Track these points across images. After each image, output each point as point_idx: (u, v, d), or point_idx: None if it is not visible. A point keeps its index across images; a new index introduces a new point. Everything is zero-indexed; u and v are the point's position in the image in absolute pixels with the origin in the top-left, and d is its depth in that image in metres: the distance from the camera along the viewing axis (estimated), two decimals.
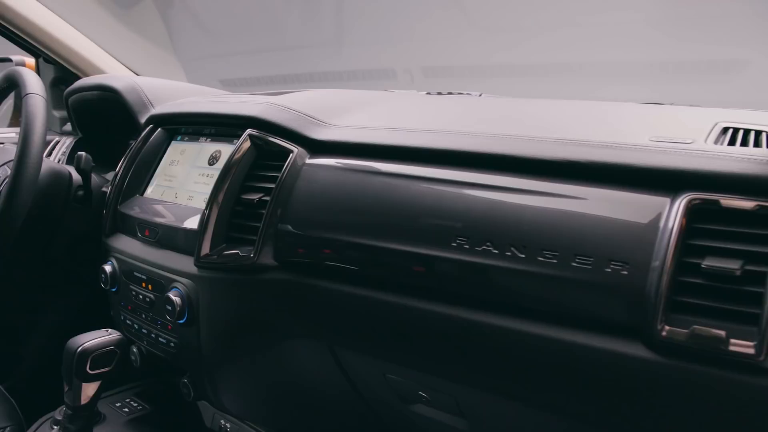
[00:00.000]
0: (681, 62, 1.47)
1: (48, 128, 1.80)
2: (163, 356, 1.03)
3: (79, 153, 1.21)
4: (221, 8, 2.00)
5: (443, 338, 0.76)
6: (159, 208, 1.06)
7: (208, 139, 1.08)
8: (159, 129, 1.17)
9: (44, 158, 1.19)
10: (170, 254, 0.99)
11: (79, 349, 0.91)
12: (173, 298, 0.94)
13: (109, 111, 1.50)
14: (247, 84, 1.78)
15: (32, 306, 1.66)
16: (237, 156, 0.93)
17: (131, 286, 1.06)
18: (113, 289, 1.11)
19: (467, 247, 0.73)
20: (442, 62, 1.51)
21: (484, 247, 0.72)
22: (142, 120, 1.23)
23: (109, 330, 0.99)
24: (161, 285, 0.99)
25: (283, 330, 0.93)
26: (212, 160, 1.04)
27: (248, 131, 0.95)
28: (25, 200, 1.09)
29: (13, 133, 1.73)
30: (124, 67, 1.75)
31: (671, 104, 0.96)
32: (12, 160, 1.24)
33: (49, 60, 1.65)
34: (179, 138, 1.15)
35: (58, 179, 1.26)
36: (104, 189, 1.30)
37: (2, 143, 1.60)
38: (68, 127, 1.68)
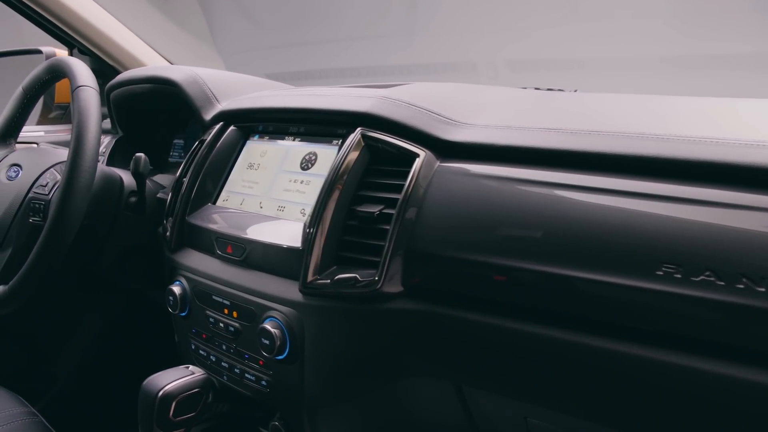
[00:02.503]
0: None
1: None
2: (248, 395, 0.88)
3: (138, 155, 1.05)
4: None
5: (627, 383, 0.63)
6: (241, 220, 0.90)
7: (297, 139, 0.92)
8: (231, 127, 1.01)
9: None
10: (262, 276, 0.83)
11: (161, 393, 0.76)
12: (270, 330, 0.78)
13: (157, 107, 1.34)
14: (297, 78, 1.62)
15: (66, 323, 1.51)
16: (347, 160, 0.78)
17: (208, 312, 0.90)
18: (182, 314, 0.95)
19: (679, 276, 0.58)
20: (532, 55, 1.36)
21: (703, 278, 0.57)
22: (207, 116, 1.07)
23: (189, 367, 0.84)
24: (251, 313, 0.83)
25: (404, 367, 0.78)
26: (306, 164, 0.88)
27: (360, 130, 0.80)
28: (79, 210, 0.94)
29: (42, 132, 1.56)
30: (164, 60, 1.59)
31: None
32: (59, 163, 1.08)
33: (84, 51, 1.48)
34: (257, 137, 0.99)
35: (110, 184, 1.10)
36: (160, 195, 1.14)
37: (35, 143, 1.43)
38: (106, 124, 1.51)
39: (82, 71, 1.02)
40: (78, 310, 1.51)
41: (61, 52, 1.56)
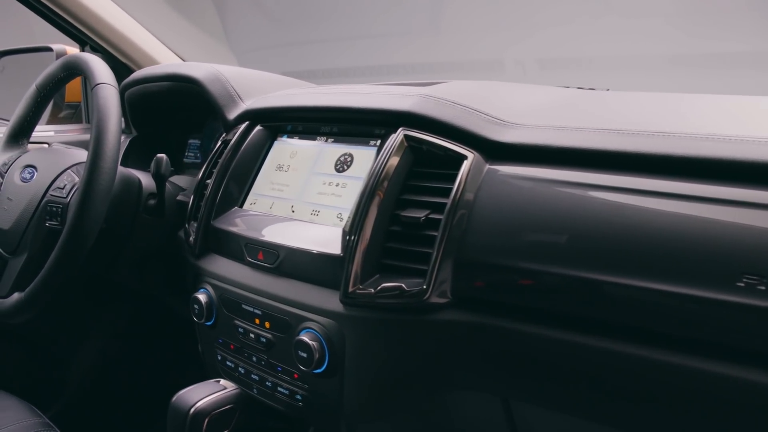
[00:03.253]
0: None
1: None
2: (280, 409, 0.83)
3: (159, 156, 1.00)
4: None
5: (701, 402, 0.59)
6: (272, 225, 0.85)
7: (330, 140, 0.88)
8: (258, 127, 0.96)
9: None
10: (297, 285, 0.78)
11: (193, 410, 0.71)
12: (308, 342, 0.74)
13: (173, 106, 1.30)
14: (314, 77, 1.57)
15: (78, 328, 1.46)
16: (390, 162, 0.74)
17: (237, 322, 0.85)
18: (208, 323, 0.90)
19: (763, 288, 0.53)
20: (564, 53, 1.32)
21: None
22: (231, 115, 1.03)
23: (220, 381, 0.79)
24: (285, 323, 0.78)
25: (449, 380, 0.74)
26: (341, 166, 0.84)
27: (402, 130, 0.75)
28: (99, 214, 0.89)
29: (52, 131, 1.51)
30: (178, 58, 1.54)
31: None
32: (76, 164, 1.04)
33: (96, 48, 1.43)
34: (285, 137, 0.94)
35: (128, 186, 1.05)
36: (180, 198, 1.09)
37: (46, 143, 1.39)
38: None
39: (101, 68, 0.98)
40: (90, 314, 1.47)
41: (72, 50, 1.51)
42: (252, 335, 0.83)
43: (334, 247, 0.75)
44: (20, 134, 1.16)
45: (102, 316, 1.50)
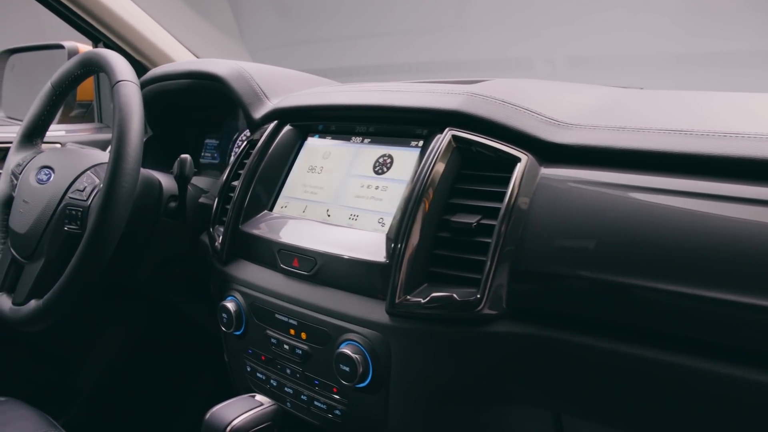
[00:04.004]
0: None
1: (106, 125, 1.55)
2: (316, 424, 0.79)
3: (183, 156, 0.96)
4: None
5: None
6: (307, 230, 0.81)
7: (366, 140, 0.83)
8: (287, 126, 0.92)
9: None
10: (336, 294, 0.74)
11: (230, 429, 0.67)
12: (351, 355, 0.69)
13: (191, 104, 1.25)
14: (333, 76, 1.52)
15: (90, 332, 1.42)
16: (437, 165, 0.69)
17: (269, 332, 0.81)
18: (236, 333, 0.86)
19: None
20: (595, 51, 1.28)
21: None
22: (257, 114, 0.98)
23: (256, 396, 0.75)
24: (324, 335, 0.74)
25: (500, 394, 0.70)
26: (380, 168, 0.79)
27: (450, 131, 0.71)
28: (121, 218, 0.85)
29: (63, 131, 1.47)
30: (193, 56, 1.50)
31: None
32: (95, 165, 0.99)
33: (110, 46, 1.39)
34: (316, 137, 0.90)
35: (148, 188, 1.01)
36: (203, 200, 1.05)
37: (58, 143, 1.34)
38: None
39: (122, 65, 0.93)
40: (103, 320, 1.43)
41: (84, 47, 1.46)
42: (286, 346, 0.79)
43: (378, 254, 0.71)
44: (34, 134, 1.12)
45: (115, 321, 1.45)
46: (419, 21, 1.48)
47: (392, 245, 0.69)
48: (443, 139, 0.71)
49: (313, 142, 0.90)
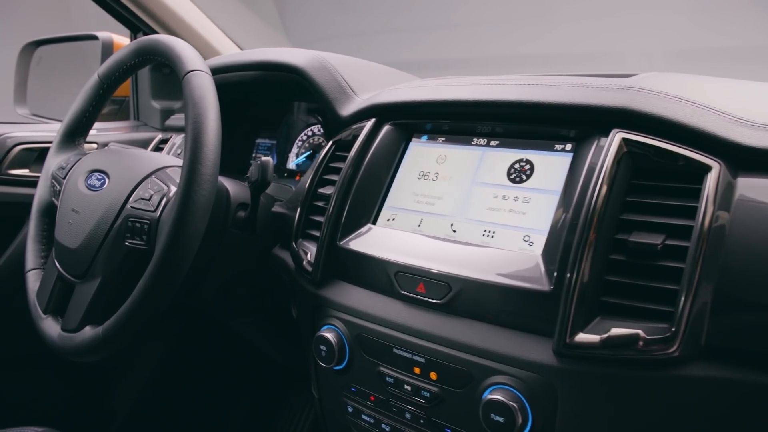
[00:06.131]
0: None
1: (144, 123, 1.42)
2: None
3: (264, 159, 0.83)
4: None
5: None
6: (431, 248, 0.68)
7: (492, 142, 0.71)
8: (386, 125, 0.79)
9: None
10: (479, 327, 0.62)
11: None
12: (506, 402, 0.57)
13: (245, 99, 1.13)
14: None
15: (125, 353, 1.29)
16: (605, 173, 0.57)
17: (384, 369, 0.68)
18: (337, 367, 0.73)
19: None
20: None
21: None
22: (345, 111, 0.86)
23: None
24: (463, 376, 0.62)
25: None
26: (517, 176, 0.67)
27: (618, 133, 0.59)
28: (198, 230, 0.73)
29: (93, 130, 1.33)
30: (238, 48, 1.37)
31: None
32: (160, 169, 0.86)
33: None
34: (424, 138, 0.78)
35: (217, 195, 0.88)
36: (277, 209, 0.92)
37: (94, 143, 1.21)
38: (176, 120, 1.29)
39: (191, 53, 0.81)
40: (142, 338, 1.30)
41: (120, 39, 1.33)
42: (407, 387, 0.66)
43: (535, 280, 0.59)
44: (77, 133, 0.99)
45: (155, 339, 1.32)
46: (497, 11, 1.36)
47: (554, 270, 0.57)
48: (610, 142, 0.59)
49: (421, 144, 0.77)
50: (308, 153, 1.12)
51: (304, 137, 1.15)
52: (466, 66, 1.47)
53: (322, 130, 1.12)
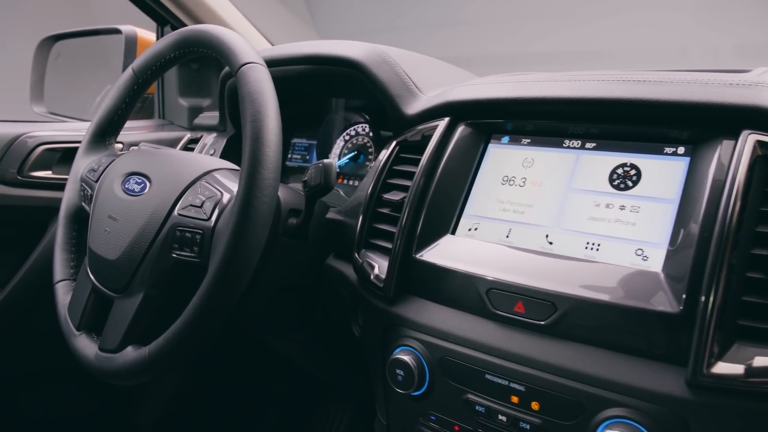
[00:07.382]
0: None
1: (170, 122, 1.34)
2: None
3: (327, 162, 0.75)
4: None
5: None
6: (527, 261, 0.61)
7: (588, 145, 0.64)
8: (461, 126, 0.73)
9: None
10: (592, 353, 0.55)
11: None
12: None
13: (290, 97, 1.05)
14: None
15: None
16: (738, 180, 0.51)
17: (473, 397, 0.62)
18: (416, 393, 0.66)
19: None
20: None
21: None
22: (410, 109, 0.79)
23: None
24: (573, 407, 0.55)
25: None
26: (621, 182, 0.60)
27: (751, 135, 0.52)
28: (259, 241, 0.66)
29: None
30: (268, 43, 1.30)
31: None
32: (209, 173, 0.79)
33: (177, 28, 1.18)
34: (505, 139, 0.71)
35: None
36: (332, 216, 0.85)
37: (123, 143, 1.14)
38: (205, 119, 1.22)
39: (244, 44, 0.74)
40: None
41: (144, 32, 1.26)
42: (503, 417, 0.60)
43: (657, 301, 0.52)
44: (108, 132, 0.92)
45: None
46: (532, 7, 1.29)
47: (682, 289, 0.51)
48: (743, 146, 0.52)
49: (502, 146, 0.70)
50: (352, 154, 1.05)
51: (347, 137, 1.08)
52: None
53: (366, 129, 1.05)
